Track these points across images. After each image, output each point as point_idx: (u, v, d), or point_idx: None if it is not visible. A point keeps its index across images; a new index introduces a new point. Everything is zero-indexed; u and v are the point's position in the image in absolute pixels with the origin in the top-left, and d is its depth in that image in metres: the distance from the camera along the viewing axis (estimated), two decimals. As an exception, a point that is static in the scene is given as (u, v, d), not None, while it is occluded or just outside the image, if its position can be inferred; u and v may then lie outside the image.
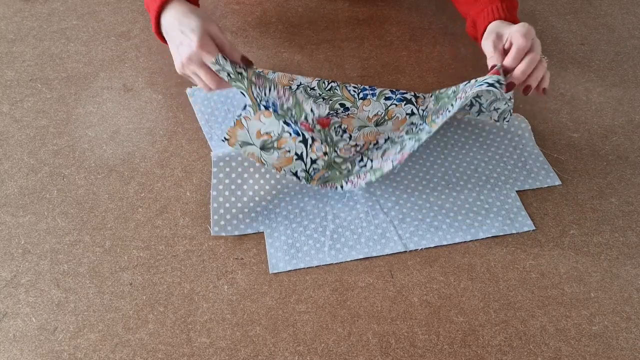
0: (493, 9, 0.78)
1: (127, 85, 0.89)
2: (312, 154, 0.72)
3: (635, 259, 0.67)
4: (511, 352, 0.59)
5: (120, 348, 0.60)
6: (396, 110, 0.80)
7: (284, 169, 0.71)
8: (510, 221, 0.70)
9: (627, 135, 0.81)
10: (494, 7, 0.79)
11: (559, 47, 0.96)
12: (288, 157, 0.71)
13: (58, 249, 0.68)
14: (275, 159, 0.71)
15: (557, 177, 0.75)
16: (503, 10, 0.78)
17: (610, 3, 1.05)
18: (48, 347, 0.60)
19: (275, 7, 1.04)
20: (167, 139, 0.81)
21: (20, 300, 0.64)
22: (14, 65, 0.93)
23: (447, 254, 0.68)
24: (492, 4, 0.79)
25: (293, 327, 0.62)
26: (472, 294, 0.64)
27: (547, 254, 0.68)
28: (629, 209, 0.72)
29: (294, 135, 0.72)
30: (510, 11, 0.79)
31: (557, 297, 0.64)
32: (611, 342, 0.60)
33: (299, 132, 0.72)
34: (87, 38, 0.97)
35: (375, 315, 0.62)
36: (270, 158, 0.71)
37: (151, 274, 0.66)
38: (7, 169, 0.77)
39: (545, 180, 0.75)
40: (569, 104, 0.86)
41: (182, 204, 0.73)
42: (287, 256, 0.67)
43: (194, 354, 0.59)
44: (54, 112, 0.85)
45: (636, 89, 0.89)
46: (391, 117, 0.79)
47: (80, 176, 0.76)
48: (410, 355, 0.59)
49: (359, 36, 0.98)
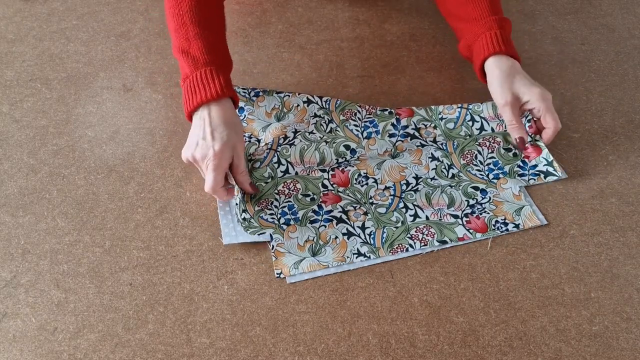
0: (492, 39, 0.77)
1: (127, 85, 0.89)
2: (357, 223, 0.70)
3: (635, 259, 0.67)
4: (511, 352, 0.59)
5: (120, 348, 0.60)
6: (405, 145, 0.79)
7: (345, 256, 0.67)
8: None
9: (627, 135, 0.81)
10: (492, 35, 0.77)
11: (559, 47, 0.96)
12: (340, 244, 0.68)
13: (58, 249, 0.68)
14: (331, 255, 0.67)
15: (563, 170, 0.76)
16: (501, 41, 0.77)
17: (610, 3, 1.05)
18: (48, 347, 0.60)
19: (275, 7, 1.04)
20: (167, 139, 0.81)
21: (20, 301, 0.63)
22: (13, 65, 0.93)
23: (447, 254, 0.68)
24: (489, 30, 0.77)
25: (293, 327, 0.61)
26: (472, 294, 0.64)
27: (547, 254, 0.68)
28: (629, 209, 0.72)
29: (329, 223, 0.70)
30: (506, 41, 0.77)
31: (557, 297, 0.64)
32: (611, 342, 0.60)
33: (330, 216, 0.70)
34: (87, 38, 0.97)
35: (375, 315, 0.62)
36: (328, 258, 0.67)
37: (151, 274, 0.66)
38: (7, 169, 0.77)
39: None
40: (569, 104, 0.86)
41: (182, 204, 0.73)
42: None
43: (194, 354, 0.59)
44: (54, 112, 0.84)
45: (636, 89, 0.88)
46: (403, 150, 0.78)
47: (80, 176, 0.76)
48: (410, 355, 0.59)
49: (359, 36, 0.98)
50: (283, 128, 0.77)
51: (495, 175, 0.75)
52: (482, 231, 0.69)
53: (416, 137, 0.80)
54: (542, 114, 0.74)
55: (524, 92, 0.75)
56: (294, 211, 0.71)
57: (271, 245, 0.68)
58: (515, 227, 0.70)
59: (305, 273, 0.65)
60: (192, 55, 0.71)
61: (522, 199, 0.72)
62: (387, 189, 0.73)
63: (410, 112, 0.81)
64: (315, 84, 0.89)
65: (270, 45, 0.96)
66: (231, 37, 0.97)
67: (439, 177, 0.75)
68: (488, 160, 0.77)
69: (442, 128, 0.80)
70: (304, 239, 0.68)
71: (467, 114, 0.81)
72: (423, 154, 0.77)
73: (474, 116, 0.81)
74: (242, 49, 0.95)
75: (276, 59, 0.93)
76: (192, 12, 0.73)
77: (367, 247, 0.68)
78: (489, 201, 0.72)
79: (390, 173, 0.75)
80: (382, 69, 0.91)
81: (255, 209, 0.71)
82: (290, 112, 0.81)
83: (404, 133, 0.80)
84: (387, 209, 0.72)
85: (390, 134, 0.80)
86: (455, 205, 0.72)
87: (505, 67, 0.76)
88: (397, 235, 0.69)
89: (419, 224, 0.70)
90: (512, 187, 0.74)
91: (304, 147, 0.76)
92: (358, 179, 0.74)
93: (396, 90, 0.88)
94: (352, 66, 0.92)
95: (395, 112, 0.81)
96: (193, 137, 0.69)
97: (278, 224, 0.69)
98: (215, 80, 0.70)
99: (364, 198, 0.72)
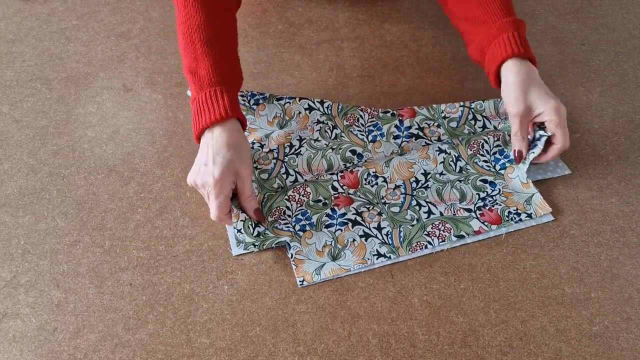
0: (509, 42, 0.73)
1: (127, 85, 0.89)
2: (373, 224, 0.70)
3: (635, 259, 0.67)
4: (511, 352, 0.59)
5: (120, 348, 0.60)
6: (411, 146, 0.79)
7: (365, 257, 0.67)
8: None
9: (627, 135, 0.81)
10: (508, 37, 0.73)
11: (559, 47, 0.96)
12: (359, 246, 0.68)
13: (58, 249, 0.68)
14: (351, 258, 0.67)
15: (566, 166, 0.76)
16: (518, 43, 0.72)
17: (610, 3, 1.05)
18: (48, 347, 0.60)
19: (275, 7, 1.04)
20: (167, 139, 0.81)
21: (19, 301, 0.63)
22: (13, 65, 0.93)
23: (447, 254, 0.68)
24: (505, 32, 0.73)
25: (293, 327, 0.61)
26: (472, 294, 0.64)
27: (547, 254, 0.68)
28: (629, 209, 0.72)
29: (345, 227, 0.70)
30: (524, 43, 0.73)
31: (557, 297, 0.64)
32: (611, 342, 0.60)
33: (345, 219, 0.70)
34: (87, 38, 0.97)
35: (375, 315, 0.62)
36: (349, 261, 0.67)
37: (151, 274, 0.66)
38: (6, 169, 0.77)
39: (555, 170, 0.76)
40: (569, 104, 0.86)
41: (182, 204, 0.73)
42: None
43: (194, 354, 0.59)
44: (54, 112, 0.84)
45: (636, 89, 0.88)
46: (409, 150, 0.78)
47: (80, 176, 0.76)
48: (410, 355, 0.59)
49: (359, 36, 0.98)
50: (287, 135, 0.77)
51: (502, 165, 0.75)
52: (496, 223, 0.70)
53: (421, 137, 0.80)
54: (552, 127, 0.71)
55: (537, 104, 0.72)
56: (308, 216, 0.70)
57: (290, 254, 0.67)
58: (528, 217, 0.70)
59: (327, 278, 0.65)
60: (199, 75, 0.69)
61: (531, 187, 0.73)
62: (398, 188, 0.73)
63: (412, 113, 0.81)
64: (315, 84, 0.89)
65: (270, 45, 0.96)
66: (231, 37, 0.97)
67: (447, 172, 0.75)
68: (494, 149, 0.77)
69: (445, 127, 0.80)
70: (322, 244, 0.68)
71: (470, 112, 0.81)
72: (430, 148, 0.77)
73: (476, 115, 0.81)
74: (242, 49, 0.95)
75: (276, 59, 0.93)
76: (201, 29, 0.71)
77: (386, 247, 0.68)
78: (498, 193, 0.73)
79: (399, 170, 0.75)
80: (382, 69, 0.91)
81: (269, 219, 0.70)
82: (293, 119, 0.80)
83: (408, 134, 0.80)
84: (400, 207, 0.72)
85: (395, 136, 0.80)
86: (467, 199, 0.72)
87: (522, 73, 0.72)
88: (415, 233, 0.69)
89: (434, 220, 0.70)
90: (520, 176, 0.74)
91: (310, 156, 0.76)
92: (367, 179, 0.74)
93: (396, 91, 0.88)
94: (352, 66, 0.92)
95: (397, 114, 0.81)
96: (197, 161, 0.68)
97: (294, 231, 0.69)
98: (220, 101, 0.68)
99: (375, 198, 0.72)
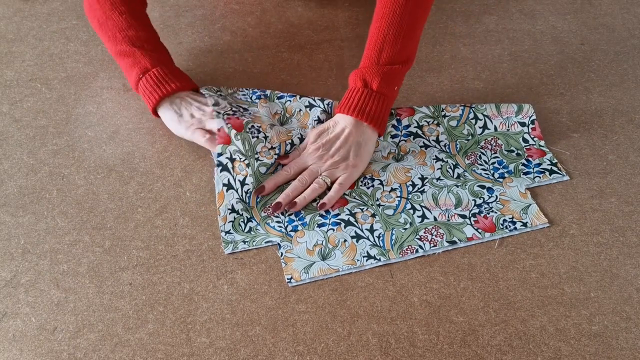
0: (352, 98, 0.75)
1: (127, 85, 0.89)
2: (365, 225, 0.70)
3: (635, 259, 0.67)
4: (511, 352, 0.59)
5: (120, 348, 0.60)
6: (409, 145, 0.79)
7: (355, 259, 0.67)
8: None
9: (627, 135, 0.81)
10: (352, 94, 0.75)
11: (559, 47, 0.96)
12: (350, 247, 0.68)
13: (58, 248, 0.68)
14: (341, 258, 0.67)
15: (565, 173, 0.76)
16: (352, 107, 0.74)
17: (610, 3, 1.05)
18: (48, 347, 0.60)
19: (275, 7, 1.04)
20: (167, 139, 0.81)
21: (19, 300, 0.63)
22: (13, 65, 0.93)
23: (447, 254, 0.68)
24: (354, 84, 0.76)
25: (293, 327, 0.61)
26: (472, 293, 0.64)
27: (547, 254, 0.68)
28: (629, 209, 0.72)
29: (338, 227, 0.69)
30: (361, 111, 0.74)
31: (557, 297, 0.64)
32: (611, 342, 0.60)
33: (338, 219, 0.70)
34: (87, 38, 0.97)
35: (375, 315, 0.62)
36: (338, 261, 0.67)
37: (151, 273, 0.66)
38: (6, 169, 0.77)
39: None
40: (569, 104, 0.86)
41: (182, 204, 0.73)
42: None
43: (194, 354, 0.59)
44: (54, 112, 0.85)
45: (636, 89, 0.88)
46: (406, 152, 0.78)
47: (80, 176, 0.76)
48: (410, 355, 0.59)
49: (359, 36, 0.98)
50: (288, 132, 0.77)
51: (501, 174, 0.75)
52: (490, 230, 0.69)
53: (419, 136, 0.79)
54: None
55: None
56: (301, 217, 0.71)
57: (280, 252, 0.67)
58: (524, 226, 0.70)
59: (316, 277, 0.65)
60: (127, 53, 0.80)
61: (529, 197, 0.72)
62: (394, 191, 0.73)
63: (411, 111, 0.81)
64: (315, 84, 0.89)
65: (270, 45, 0.96)
66: (231, 37, 0.97)
67: (444, 177, 0.75)
68: (492, 160, 0.77)
69: (445, 125, 0.80)
70: (313, 243, 0.68)
71: (471, 112, 0.81)
72: (427, 155, 0.77)
73: (477, 114, 0.81)
74: (242, 48, 0.95)
75: (276, 59, 0.94)
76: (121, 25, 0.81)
77: (376, 249, 0.68)
78: (495, 200, 0.72)
79: (396, 174, 0.75)
80: (382, 69, 0.91)
81: (262, 215, 0.70)
82: (293, 116, 0.80)
83: (406, 132, 0.80)
84: (394, 210, 0.71)
85: (392, 135, 0.80)
86: (462, 205, 0.72)
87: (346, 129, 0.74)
88: (406, 237, 0.69)
89: (427, 225, 0.70)
90: (518, 186, 0.74)
91: None
92: (363, 181, 0.74)
93: (396, 90, 0.88)
94: (352, 66, 0.92)
95: (395, 113, 0.81)
96: (171, 123, 0.78)
97: (286, 232, 0.69)
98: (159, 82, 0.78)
99: (370, 200, 0.72)
